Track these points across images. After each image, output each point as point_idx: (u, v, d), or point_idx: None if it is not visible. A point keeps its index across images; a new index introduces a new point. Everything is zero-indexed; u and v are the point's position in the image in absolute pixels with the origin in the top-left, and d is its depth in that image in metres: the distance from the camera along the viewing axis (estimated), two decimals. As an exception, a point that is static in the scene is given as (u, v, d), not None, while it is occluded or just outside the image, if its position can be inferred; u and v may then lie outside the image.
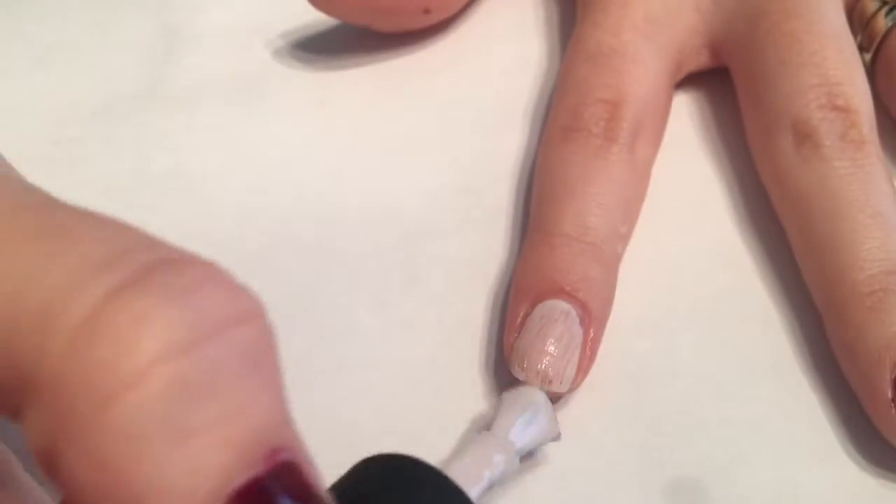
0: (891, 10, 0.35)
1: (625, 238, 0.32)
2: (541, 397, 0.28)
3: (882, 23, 0.35)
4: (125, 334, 0.14)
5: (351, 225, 0.34)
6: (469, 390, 0.30)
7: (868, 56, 0.36)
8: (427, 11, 0.38)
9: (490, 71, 0.39)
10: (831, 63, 0.32)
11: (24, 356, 0.15)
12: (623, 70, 0.34)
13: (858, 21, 0.36)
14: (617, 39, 0.34)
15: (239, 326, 0.15)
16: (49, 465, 0.15)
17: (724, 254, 0.33)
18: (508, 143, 0.36)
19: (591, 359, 0.29)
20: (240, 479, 0.15)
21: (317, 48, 0.39)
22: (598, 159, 0.32)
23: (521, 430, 0.27)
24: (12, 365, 0.15)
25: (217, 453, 0.15)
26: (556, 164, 0.32)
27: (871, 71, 0.36)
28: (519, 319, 0.29)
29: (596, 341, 0.29)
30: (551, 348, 0.28)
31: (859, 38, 0.36)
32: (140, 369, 0.14)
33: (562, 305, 0.29)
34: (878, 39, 0.35)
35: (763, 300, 0.32)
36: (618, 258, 0.32)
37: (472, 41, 0.40)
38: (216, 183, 0.35)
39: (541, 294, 0.29)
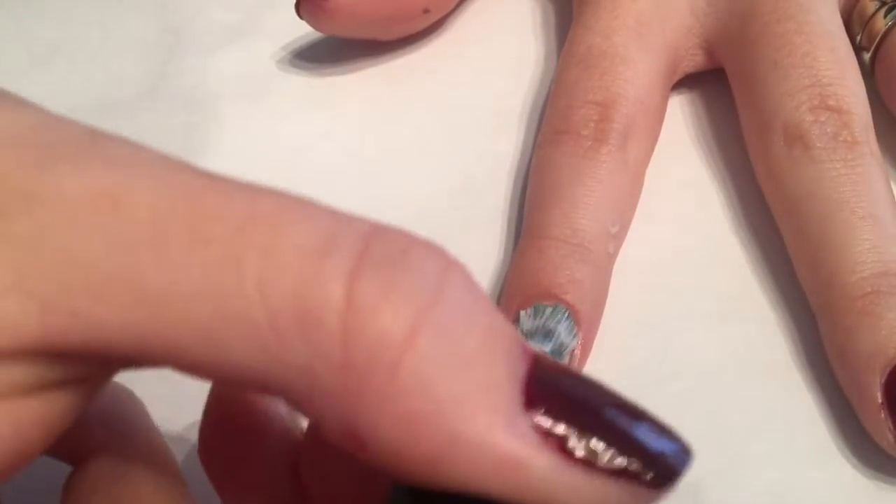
0: (890, 9, 0.35)
1: (617, 238, 0.32)
2: (561, 323, 0.28)
3: (881, 22, 0.35)
4: (384, 306, 0.16)
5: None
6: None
7: (867, 56, 0.36)
8: (427, 11, 0.38)
9: (489, 72, 0.39)
10: (823, 63, 0.32)
11: (297, 354, 0.16)
12: (613, 72, 0.34)
13: (858, 21, 0.36)
14: (607, 42, 0.34)
15: (451, 271, 0.17)
16: (357, 440, 0.16)
17: (722, 254, 0.33)
18: (507, 143, 0.36)
19: (582, 361, 0.29)
20: (521, 374, 0.17)
21: (317, 48, 0.39)
22: (586, 160, 0.32)
23: None
24: (279, 362, 0.16)
25: (496, 364, 0.17)
26: (546, 167, 0.33)
27: (871, 70, 0.36)
28: None
29: (586, 343, 0.30)
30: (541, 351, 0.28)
31: (859, 37, 0.36)
32: (408, 331, 0.16)
33: (551, 307, 0.29)
34: (877, 39, 0.35)
35: (760, 301, 0.32)
36: (609, 258, 0.31)
37: (471, 42, 0.40)
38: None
39: (529, 297, 0.30)
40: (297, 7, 0.37)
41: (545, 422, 0.16)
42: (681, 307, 0.32)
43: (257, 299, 0.16)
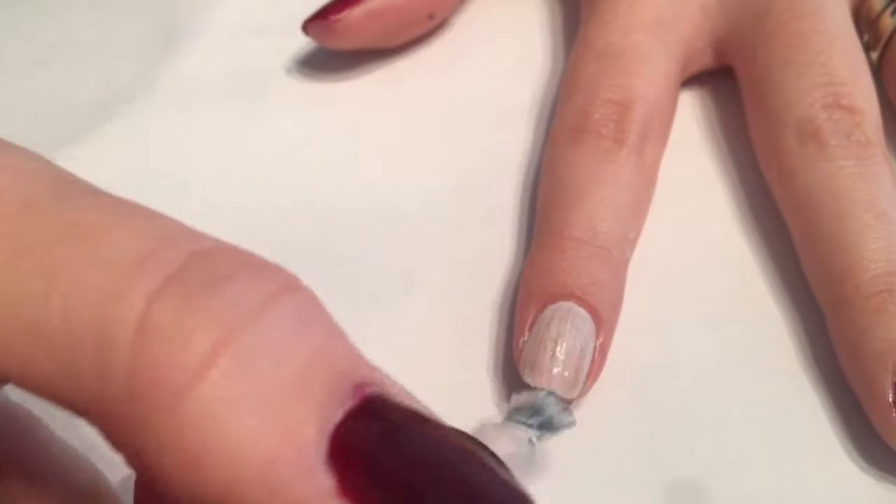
0: (897, 9, 0.35)
1: (633, 242, 0.32)
2: (549, 398, 0.27)
3: (889, 22, 0.35)
4: (177, 333, 0.15)
5: (351, 224, 0.34)
6: (469, 390, 0.30)
7: (875, 55, 0.35)
8: (431, 17, 0.38)
9: (490, 70, 0.39)
10: (837, 63, 0.32)
11: (88, 372, 0.15)
12: (632, 70, 0.33)
13: (865, 20, 0.36)
14: (627, 39, 0.34)
15: (280, 297, 0.16)
16: (145, 470, 0.16)
17: (727, 253, 0.33)
18: (509, 142, 0.36)
19: (601, 364, 0.29)
20: (334, 417, 0.15)
21: (317, 48, 0.39)
22: (607, 162, 0.32)
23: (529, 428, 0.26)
24: (76, 381, 0.15)
25: (302, 404, 0.15)
26: (564, 166, 0.32)
27: (879, 70, 0.35)
28: (528, 322, 0.29)
29: (605, 346, 0.29)
30: (560, 354, 0.28)
31: (866, 37, 0.36)
32: (200, 359, 0.15)
33: (574, 309, 0.29)
34: (884, 38, 0.35)
35: (765, 300, 0.32)
36: (626, 262, 0.31)
37: (472, 40, 0.40)
38: (215, 182, 0.35)
39: (550, 297, 0.29)
40: (304, 28, 0.37)
41: (348, 473, 0.15)
42: (685, 307, 0.31)
43: (58, 313, 0.15)
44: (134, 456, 0.16)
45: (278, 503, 0.15)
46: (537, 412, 0.27)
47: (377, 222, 0.34)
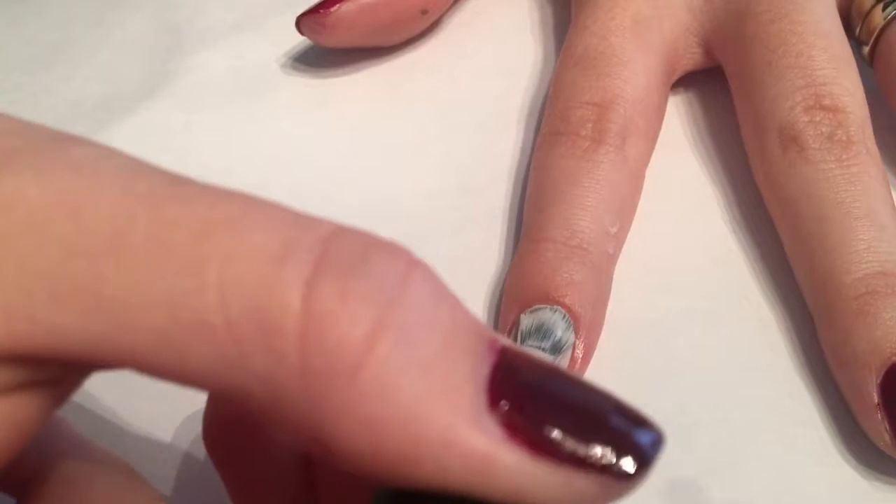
0: (888, 3, 0.35)
1: (617, 238, 0.32)
2: (556, 315, 0.28)
3: (879, 16, 0.35)
4: (342, 311, 0.16)
5: (350, 224, 0.34)
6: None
7: (866, 49, 0.36)
8: (425, 12, 0.38)
9: (489, 71, 0.39)
10: (818, 63, 0.32)
11: (257, 360, 0.16)
12: (610, 72, 0.34)
13: (857, 15, 0.36)
14: (604, 42, 0.34)
15: (413, 272, 0.17)
16: (323, 445, 0.16)
17: (721, 254, 0.33)
18: (508, 143, 0.36)
19: (584, 364, 0.29)
20: (485, 372, 0.17)
21: (317, 48, 0.39)
22: (584, 161, 0.32)
23: None
24: (242, 369, 0.16)
25: (459, 363, 0.17)
26: (544, 169, 0.33)
27: (870, 64, 0.36)
28: (508, 327, 0.29)
29: (588, 346, 0.30)
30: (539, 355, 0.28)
31: (857, 31, 0.36)
32: (367, 336, 0.16)
33: (550, 310, 0.29)
34: (875, 33, 0.35)
35: (759, 300, 0.32)
36: (609, 259, 0.31)
37: (471, 42, 0.40)
38: (216, 182, 0.35)
39: (528, 301, 0.29)
40: (298, 24, 0.37)
41: (510, 416, 0.16)
42: (680, 307, 0.32)
43: (217, 307, 0.16)
44: (311, 433, 0.16)
45: (457, 457, 0.16)
46: (547, 334, 0.27)
47: (376, 222, 0.33)
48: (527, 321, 0.28)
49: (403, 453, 0.16)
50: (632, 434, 0.17)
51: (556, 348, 0.27)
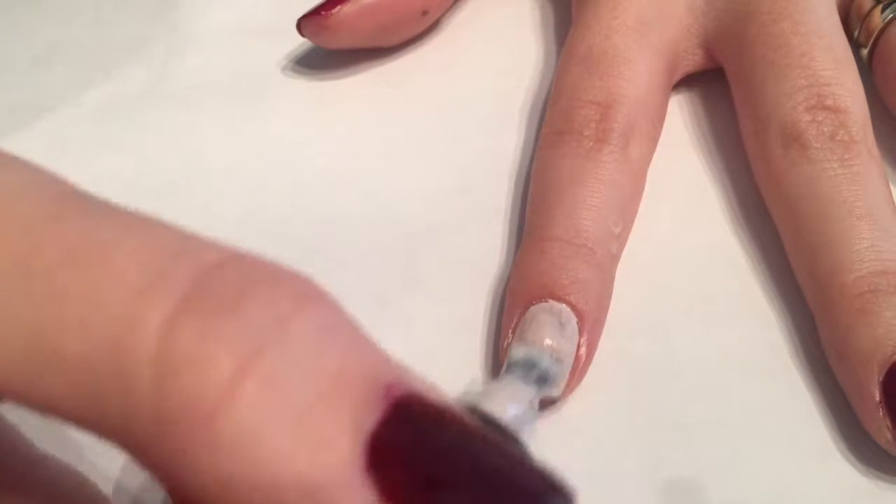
0: (887, 5, 0.35)
1: (620, 238, 0.32)
2: (543, 354, 0.28)
3: (878, 18, 0.35)
4: (198, 360, 0.15)
5: (351, 225, 0.34)
6: (469, 390, 0.30)
7: (865, 52, 0.36)
8: (425, 13, 0.38)
9: (489, 71, 0.39)
10: (820, 63, 0.32)
11: (112, 402, 0.15)
12: (613, 72, 0.34)
13: (856, 17, 0.36)
14: (607, 42, 0.34)
15: (301, 310, 0.16)
16: (180, 496, 0.15)
17: (722, 254, 0.33)
18: (508, 142, 0.36)
19: (587, 362, 0.29)
20: (368, 425, 0.15)
21: (317, 48, 0.39)
22: (588, 161, 0.32)
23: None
24: (99, 407, 0.15)
25: (335, 416, 0.15)
26: (548, 168, 0.33)
27: (869, 66, 0.36)
28: (512, 325, 0.29)
29: (591, 345, 0.30)
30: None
31: (856, 33, 0.36)
32: (227, 381, 0.15)
33: (554, 308, 0.29)
34: (874, 35, 0.35)
35: (759, 300, 0.32)
36: (613, 258, 0.31)
37: (471, 42, 0.40)
38: (217, 183, 0.35)
39: (532, 299, 0.29)
40: (299, 26, 0.37)
41: (392, 481, 0.15)
42: (680, 307, 0.32)
43: (75, 339, 0.15)
44: (166, 479, 0.15)
45: None
46: (532, 367, 0.27)
47: (376, 222, 0.34)
48: (516, 354, 0.28)
49: None
50: None
51: (542, 379, 0.27)
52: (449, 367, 0.31)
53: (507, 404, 0.25)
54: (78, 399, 0.15)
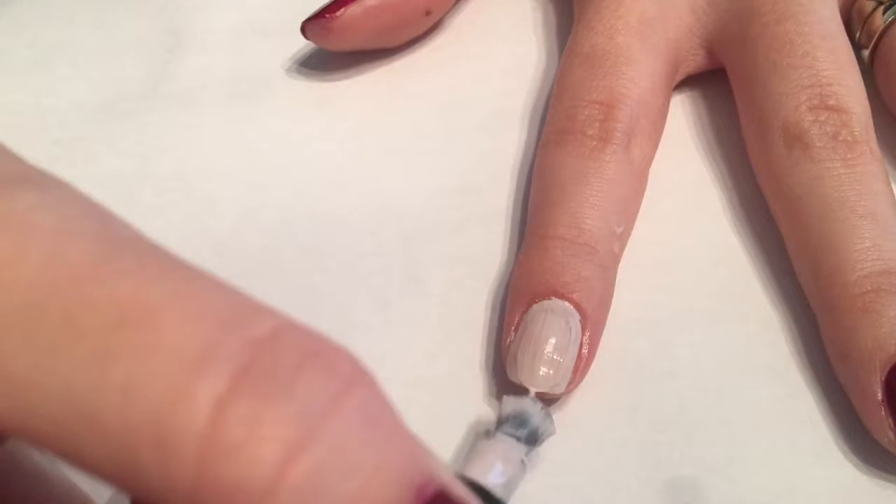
0: (888, 7, 0.35)
1: (622, 238, 0.32)
2: (534, 407, 0.27)
3: (880, 20, 0.35)
4: (248, 444, 0.14)
5: (351, 225, 0.34)
6: (469, 390, 0.30)
7: (866, 53, 0.36)
8: (429, 13, 0.38)
9: (490, 71, 0.39)
10: (823, 64, 0.32)
11: (150, 472, 0.15)
12: (617, 71, 0.34)
13: (857, 18, 0.36)
14: (611, 42, 0.34)
15: (348, 395, 0.15)
16: None
17: (722, 253, 0.33)
18: (508, 142, 0.36)
19: (589, 360, 0.29)
20: None
21: (317, 49, 0.39)
22: (591, 160, 0.32)
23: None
24: (134, 475, 0.15)
25: None
26: (551, 167, 0.33)
27: (870, 68, 0.36)
28: (514, 323, 0.29)
29: (593, 343, 0.29)
30: (545, 352, 0.28)
31: (857, 35, 0.36)
32: (272, 475, 0.14)
33: (558, 306, 0.29)
34: (876, 36, 0.35)
35: (760, 299, 0.32)
36: (615, 258, 0.32)
37: (471, 42, 0.40)
38: (217, 182, 0.36)
39: (535, 296, 0.29)
40: (303, 30, 0.37)
41: None
42: (681, 307, 0.32)
43: (117, 408, 0.15)
44: None
45: None
46: (523, 423, 0.27)
47: (377, 222, 0.34)
48: (508, 407, 0.28)
49: None
50: None
51: (532, 438, 0.27)
52: (449, 367, 0.31)
53: (497, 464, 0.25)
54: (114, 464, 0.15)
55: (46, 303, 0.15)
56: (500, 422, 0.27)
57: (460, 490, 0.16)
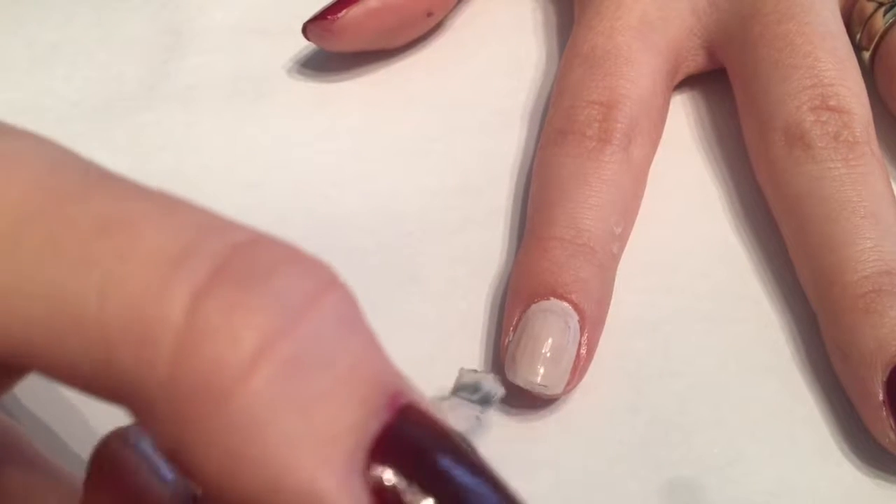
0: (889, 9, 0.35)
1: (621, 238, 0.32)
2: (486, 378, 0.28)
3: (880, 22, 0.35)
4: (224, 330, 0.15)
5: (351, 224, 0.34)
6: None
7: (867, 55, 0.36)
8: (430, 14, 0.38)
9: (490, 71, 0.39)
10: (824, 64, 0.33)
11: (127, 368, 0.15)
12: (617, 72, 0.34)
13: (857, 20, 0.36)
14: (611, 42, 0.34)
15: (325, 295, 0.16)
16: (181, 465, 0.15)
17: (722, 253, 0.33)
18: (508, 142, 0.36)
19: (587, 361, 0.29)
20: (372, 428, 0.15)
21: (317, 48, 0.39)
22: (591, 161, 0.32)
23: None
24: (114, 375, 0.15)
25: (344, 412, 0.15)
26: (550, 167, 0.33)
27: (871, 69, 0.36)
28: (513, 323, 0.29)
29: (592, 343, 0.30)
30: (543, 352, 0.28)
31: (858, 36, 0.36)
32: (248, 360, 0.15)
33: (556, 307, 0.29)
34: (876, 38, 0.36)
35: (760, 300, 0.32)
36: (614, 258, 0.32)
37: (472, 42, 0.40)
38: (216, 182, 0.35)
39: (533, 297, 0.29)
40: (304, 31, 0.37)
41: (382, 486, 0.15)
42: (681, 307, 0.32)
43: (96, 307, 0.15)
44: (171, 450, 0.15)
45: None
46: (476, 389, 0.27)
47: (377, 222, 0.34)
48: (463, 378, 0.28)
49: (258, 494, 0.15)
50: None
51: (485, 400, 0.27)
52: (449, 367, 0.31)
53: (457, 421, 0.25)
54: (92, 366, 0.15)
55: (29, 221, 0.16)
56: (455, 390, 0.27)
57: (432, 411, 0.16)
